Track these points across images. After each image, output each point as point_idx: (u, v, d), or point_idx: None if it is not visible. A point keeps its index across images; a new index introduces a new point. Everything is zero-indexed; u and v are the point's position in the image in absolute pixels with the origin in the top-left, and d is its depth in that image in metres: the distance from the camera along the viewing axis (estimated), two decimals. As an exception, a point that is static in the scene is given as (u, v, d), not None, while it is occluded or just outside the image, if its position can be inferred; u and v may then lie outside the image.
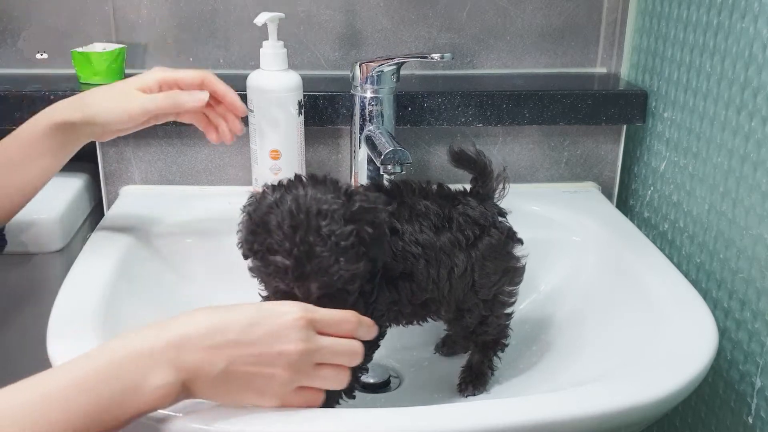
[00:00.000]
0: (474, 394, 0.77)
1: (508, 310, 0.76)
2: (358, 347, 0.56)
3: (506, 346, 0.77)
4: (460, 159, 0.73)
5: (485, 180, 0.73)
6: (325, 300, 0.57)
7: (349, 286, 0.59)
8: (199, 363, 0.50)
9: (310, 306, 0.55)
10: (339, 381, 0.56)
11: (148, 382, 0.48)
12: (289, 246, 0.56)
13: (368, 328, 0.58)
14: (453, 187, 0.74)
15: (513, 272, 0.74)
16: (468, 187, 0.74)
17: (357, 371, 0.63)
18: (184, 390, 0.51)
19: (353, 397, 0.64)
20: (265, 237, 0.57)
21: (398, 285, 0.67)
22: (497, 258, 0.72)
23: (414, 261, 0.67)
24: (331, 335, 0.55)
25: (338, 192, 0.60)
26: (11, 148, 0.73)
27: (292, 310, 0.53)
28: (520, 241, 0.75)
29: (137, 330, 0.51)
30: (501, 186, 0.74)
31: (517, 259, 0.74)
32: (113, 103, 0.73)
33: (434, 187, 0.72)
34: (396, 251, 0.66)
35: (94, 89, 0.77)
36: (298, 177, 0.61)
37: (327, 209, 0.57)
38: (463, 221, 0.70)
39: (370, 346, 0.64)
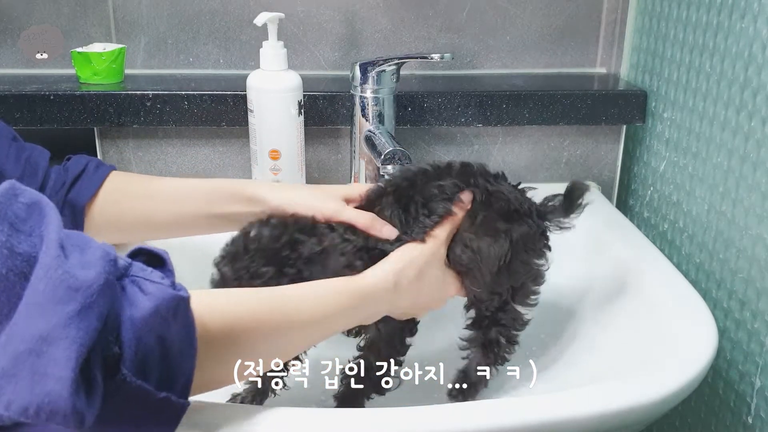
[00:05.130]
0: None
1: (527, 315, 0.75)
2: None
3: (507, 360, 0.76)
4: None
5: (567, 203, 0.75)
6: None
7: None
8: (404, 289, 0.68)
9: None
10: None
11: (379, 308, 0.68)
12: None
13: None
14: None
15: (538, 273, 0.74)
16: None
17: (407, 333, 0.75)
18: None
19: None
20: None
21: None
22: (532, 248, 0.72)
23: None
24: None
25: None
26: (199, 192, 0.77)
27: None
28: (549, 247, 0.74)
29: (369, 274, 0.67)
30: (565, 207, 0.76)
31: (546, 258, 0.74)
32: (312, 201, 0.73)
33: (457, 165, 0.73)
34: None
35: (300, 186, 0.83)
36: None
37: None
38: (494, 199, 0.71)
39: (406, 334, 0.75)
